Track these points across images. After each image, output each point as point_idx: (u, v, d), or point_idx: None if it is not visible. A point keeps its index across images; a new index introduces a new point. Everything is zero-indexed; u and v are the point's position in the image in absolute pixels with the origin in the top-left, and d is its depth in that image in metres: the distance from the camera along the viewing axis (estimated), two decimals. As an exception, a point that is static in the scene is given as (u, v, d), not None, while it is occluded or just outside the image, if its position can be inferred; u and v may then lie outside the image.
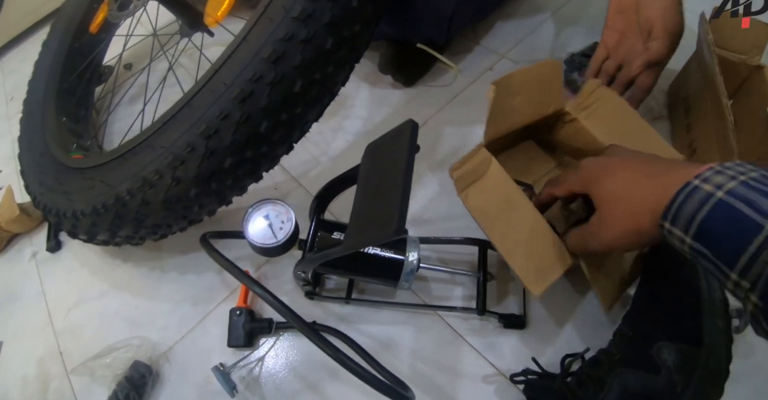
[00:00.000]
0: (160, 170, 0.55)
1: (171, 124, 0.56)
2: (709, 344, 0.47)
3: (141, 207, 0.57)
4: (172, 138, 0.54)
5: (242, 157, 0.55)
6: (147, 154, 0.57)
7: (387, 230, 0.38)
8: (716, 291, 0.50)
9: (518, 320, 0.61)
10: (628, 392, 0.48)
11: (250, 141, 0.53)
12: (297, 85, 0.52)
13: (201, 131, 0.52)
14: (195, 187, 0.55)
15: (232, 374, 0.61)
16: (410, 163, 0.42)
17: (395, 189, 0.41)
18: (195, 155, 0.53)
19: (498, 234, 0.57)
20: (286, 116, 0.54)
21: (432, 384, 0.60)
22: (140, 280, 0.73)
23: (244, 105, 0.51)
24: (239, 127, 0.52)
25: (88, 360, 0.64)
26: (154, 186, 0.55)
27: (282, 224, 0.56)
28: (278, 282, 0.69)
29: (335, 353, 0.43)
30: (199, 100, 0.54)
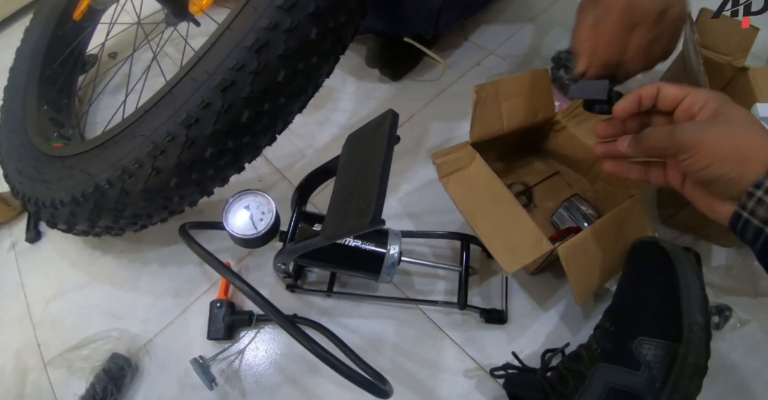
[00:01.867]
0: (139, 159, 0.53)
1: (152, 112, 0.54)
2: (688, 340, 0.47)
3: (120, 197, 0.55)
4: (153, 127, 0.53)
5: (223, 148, 0.53)
6: (127, 143, 0.55)
7: (364, 221, 0.37)
8: (696, 288, 0.50)
9: (499, 315, 0.61)
10: (609, 386, 0.48)
11: (231, 131, 0.52)
12: (280, 75, 0.51)
13: (182, 120, 0.51)
14: (175, 177, 0.54)
15: (212, 367, 0.60)
16: (389, 153, 0.41)
17: (373, 179, 0.40)
18: (175, 144, 0.52)
19: (477, 218, 0.57)
20: (268, 106, 0.53)
21: (413, 378, 0.59)
22: (120, 272, 0.71)
23: (226, 94, 0.50)
24: (220, 116, 0.51)
25: (65, 352, 0.62)
26: (133, 175, 0.54)
27: (262, 215, 0.55)
28: (260, 275, 0.67)
29: (313, 346, 0.42)
30: (181, 89, 0.52)
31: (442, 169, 0.61)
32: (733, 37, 0.64)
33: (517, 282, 0.64)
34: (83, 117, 0.88)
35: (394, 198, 0.72)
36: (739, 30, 0.63)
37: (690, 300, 0.49)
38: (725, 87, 0.67)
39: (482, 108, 0.62)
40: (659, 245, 0.55)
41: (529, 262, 0.54)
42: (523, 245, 0.55)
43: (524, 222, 0.57)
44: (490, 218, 0.57)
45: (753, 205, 0.36)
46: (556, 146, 0.70)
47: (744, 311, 0.60)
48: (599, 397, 0.48)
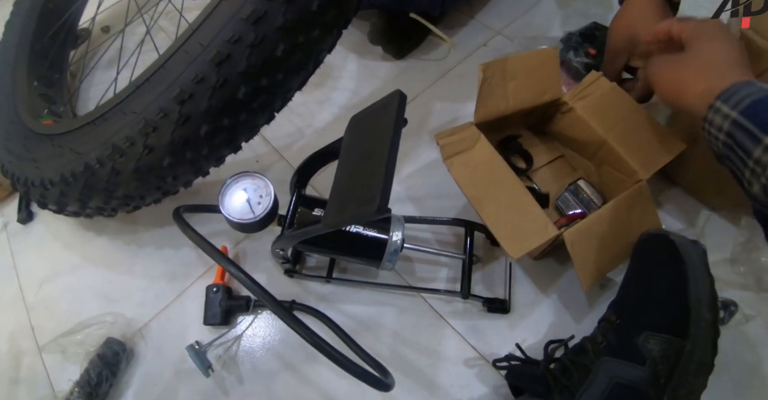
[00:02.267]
0: (131, 137, 0.50)
1: (144, 88, 0.51)
2: (695, 336, 0.46)
3: (111, 177, 0.53)
4: (145, 103, 0.50)
5: (219, 125, 0.50)
6: (118, 120, 0.52)
7: (369, 209, 0.35)
8: (705, 283, 0.49)
9: (502, 305, 0.59)
10: (613, 381, 0.47)
11: (227, 107, 0.49)
12: (279, 49, 0.48)
13: (175, 96, 0.48)
14: (168, 156, 0.51)
15: (209, 353, 0.58)
16: (396, 136, 0.38)
17: (379, 164, 0.37)
18: (168, 121, 0.49)
19: (482, 202, 0.55)
20: (266, 82, 0.50)
21: (412, 367, 0.57)
22: (115, 254, 0.69)
23: (221, 68, 0.47)
24: (215, 92, 0.48)
25: (58, 337, 0.60)
26: (124, 154, 0.51)
27: (260, 199, 0.52)
28: (257, 259, 0.65)
29: (311, 336, 0.40)
30: (174, 63, 0.49)
31: (446, 150, 0.58)
32: None
33: (520, 269, 0.62)
34: (75, 93, 0.84)
35: (396, 180, 0.69)
36: None
37: (698, 295, 0.48)
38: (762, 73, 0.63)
39: (488, 87, 0.59)
40: (668, 238, 0.53)
41: (535, 247, 0.52)
42: (528, 229, 0.54)
43: (530, 206, 0.55)
44: (494, 201, 0.55)
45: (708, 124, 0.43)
46: (561, 128, 0.68)
47: (748, 306, 0.58)
48: (603, 391, 0.47)
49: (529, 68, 0.61)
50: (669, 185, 0.67)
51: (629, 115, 0.61)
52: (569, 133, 0.67)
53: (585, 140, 0.65)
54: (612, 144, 0.60)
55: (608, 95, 0.62)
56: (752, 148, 0.39)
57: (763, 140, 0.38)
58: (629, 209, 0.57)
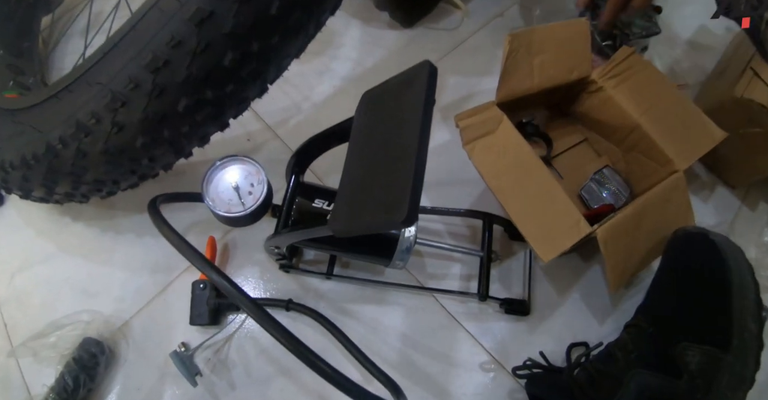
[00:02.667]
0: (96, 113, 0.42)
1: (112, 54, 0.43)
2: (737, 349, 0.42)
3: (77, 159, 0.45)
4: (112, 72, 0.42)
5: (201, 98, 0.43)
6: (83, 93, 0.44)
7: (393, 218, 0.27)
8: (751, 290, 0.44)
9: (522, 306, 0.53)
10: (646, 395, 0.42)
11: (210, 77, 0.41)
12: (273, 6, 0.39)
13: (147, 63, 0.40)
14: (142, 135, 0.43)
15: (197, 356, 0.52)
16: (427, 122, 0.30)
17: (405, 159, 0.29)
18: (140, 94, 0.41)
19: (508, 195, 0.49)
20: (257, 46, 0.41)
21: (422, 373, 0.52)
22: (92, 242, 0.61)
23: (203, 29, 0.39)
24: (196, 58, 0.40)
25: (28, 340, 0.54)
26: (90, 133, 0.43)
27: (251, 188, 0.45)
28: (249, 250, 0.58)
29: (311, 357, 0.33)
30: (147, 23, 0.41)
31: (467, 133, 0.51)
32: None
33: (539, 266, 0.56)
34: (46, 63, 0.74)
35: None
36: None
37: (743, 303, 0.43)
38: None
39: (513, 62, 0.52)
40: (708, 238, 0.47)
41: (568, 248, 0.46)
42: (559, 227, 0.48)
43: (560, 199, 0.48)
44: (521, 194, 0.49)
45: None
46: (587, 110, 0.61)
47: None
48: None
49: (557, 41, 0.54)
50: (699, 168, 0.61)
51: (665, 97, 0.55)
52: (596, 116, 0.60)
53: (614, 124, 0.58)
54: (646, 129, 0.54)
55: (642, 74, 0.56)
56: None
57: None
58: (664, 203, 0.52)
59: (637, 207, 0.50)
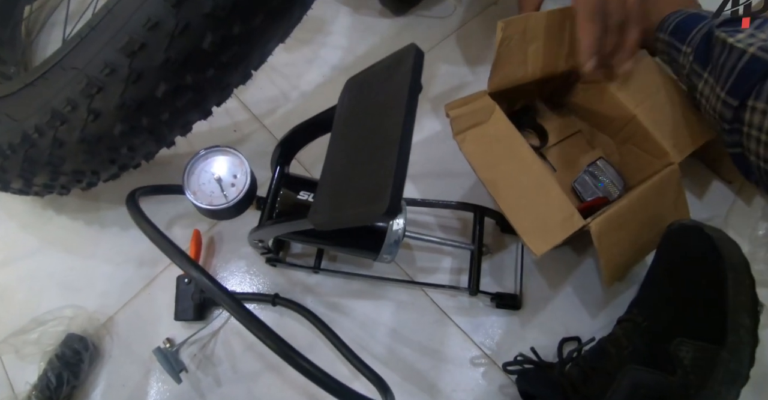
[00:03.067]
0: (72, 99, 0.40)
1: (88, 38, 0.40)
2: (732, 344, 0.41)
3: (53, 148, 0.44)
4: (87, 57, 0.40)
5: (181, 84, 0.41)
6: (58, 80, 0.42)
7: (375, 209, 0.26)
8: (746, 286, 0.43)
9: (513, 301, 0.52)
10: (640, 392, 0.41)
11: (190, 61, 0.39)
12: None
13: (122, 46, 0.38)
14: (120, 123, 0.41)
15: (182, 352, 0.51)
16: (412, 108, 0.28)
17: (388, 147, 0.27)
18: (116, 79, 0.39)
19: (499, 187, 0.48)
20: (239, 29, 0.40)
21: (412, 368, 0.51)
22: (76, 235, 0.60)
23: (181, 10, 0.37)
24: (174, 41, 0.38)
25: (9, 336, 0.53)
26: (66, 121, 0.42)
27: (234, 179, 0.43)
28: (236, 244, 0.57)
29: (296, 358, 0.32)
30: (123, 6, 0.39)
31: (457, 123, 0.49)
32: None
33: (531, 259, 0.54)
34: (28, 52, 0.72)
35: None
36: None
37: (738, 299, 0.42)
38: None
39: (506, 49, 0.50)
40: (704, 232, 0.45)
41: (560, 241, 0.45)
42: (552, 220, 0.46)
43: (553, 192, 0.47)
44: (513, 186, 0.48)
45: None
46: (582, 101, 0.59)
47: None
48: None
49: (552, 29, 0.52)
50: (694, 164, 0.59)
51: (662, 88, 0.53)
52: (591, 107, 0.58)
53: (609, 115, 0.56)
54: (641, 120, 0.52)
55: (639, 65, 0.54)
56: (678, 57, 0.47)
57: (682, 49, 0.47)
58: (659, 195, 0.50)
59: (632, 200, 0.48)
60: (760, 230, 0.55)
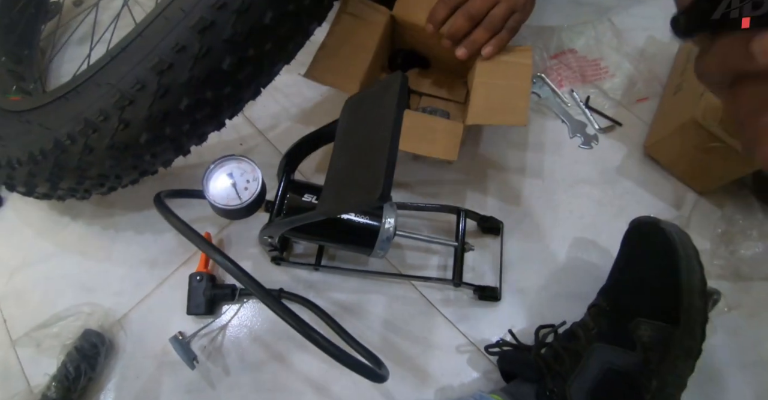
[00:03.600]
0: (105, 111, 0.45)
1: (120, 58, 0.46)
2: (685, 323, 0.46)
3: (84, 154, 0.48)
4: (121, 73, 0.45)
5: (201, 98, 0.46)
6: (91, 93, 0.47)
7: (370, 196, 0.32)
8: (696, 271, 0.48)
9: (493, 293, 0.57)
10: (605, 366, 0.46)
11: (210, 79, 0.45)
12: (267, 17, 0.43)
13: (153, 65, 0.43)
14: (146, 132, 0.46)
15: (193, 344, 0.54)
16: (398, 121, 0.35)
17: (380, 150, 0.34)
18: (146, 94, 0.44)
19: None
20: (252, 52, 0.45)
21: (404, 355, 0.55)
22: (91, 241, 0.63)
23: (205, 36, 0.42)
24: (198, 61, 0.43)
25: (32, 330, 0.56)
26: (98, 129, 0.46)
27: (247, 184, 0.48)
28: (242, 246, 0.61)
29: (304, 327, 0.37)
30: (153, 31, 0.44)
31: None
32: None
33: (511, 257, 0.60)
34: (45, 70, 0.76)
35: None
36: None
37: (690, 283, 0.47)
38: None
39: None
40: (659, 226, 0.52)
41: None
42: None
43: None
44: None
45: None
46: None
47: (729, 296, 0.58)
48: (596, 377, 0.47)
49: None
50: (657, 169, 0.66)
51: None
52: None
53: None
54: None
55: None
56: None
57: None
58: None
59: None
60: (719, 229, 0.61)
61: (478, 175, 0.65)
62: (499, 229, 0.61)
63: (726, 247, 0.60)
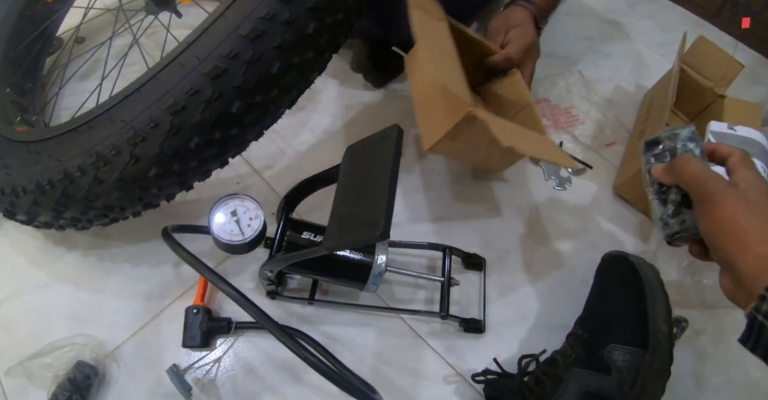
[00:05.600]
0: (117, 146, 0.47)
1: (134, 97, 0.48)
2: (653, 347, 0.49)
3: (92, 186, 0.49)
4: (135, 112, 0.47)
5: (210, 138, 0.48)
6: (104, 128, 0.48)
7: (372, 233, 0.35)
8: (661, 299, 0.52)
9: (477, 325, 0.59)
10: (583, 390, 0.49)
11: (219, 121, 0.47)
12: (274, 67, 0.47)
13: (167, 106, 0.45)
14: (155, 167, 0.48)
15: (187, 376, 0.54)
16: (396, 168, 0.39)
17: (380, 193, 0.37)
18: (159, 132, 0.46)
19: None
20: (260, 98, 0.48)
21: (393, 386, 0.56)
22: (86, 272, 0.63)
23: (217, 82, 0.45)
24: (209, 104, 0.46)
25: (24, 360, 0.54)
26: (109, 163, 0.47)
27: (250, 221, 0.50)
28: (238, 280, 0.62)
29: (306, 354, 0.39)
30: (168, 74, 0.47)
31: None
32: (721, 67, 0.67)
33: (494, 291, 0.63)
34: (48, 103, 0.77)
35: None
36: (728, 61, 0.65)
37: (655, 310, 0.51)
38: (704, 110, 0.69)
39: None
40: (628, 260, 0.56)
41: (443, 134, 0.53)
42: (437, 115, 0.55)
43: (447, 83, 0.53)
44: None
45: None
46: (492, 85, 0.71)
47: (696, 323, 0.61)
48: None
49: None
50: (626, 206, 0.70)
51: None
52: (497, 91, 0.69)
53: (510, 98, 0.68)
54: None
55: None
56: None
57: None
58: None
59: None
60: (684, 261, 0.65)
61: (462, 214, 0.68)
62: (482, 265, 0.63)
63: (692, 277, 0.64)
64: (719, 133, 0.63)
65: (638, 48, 0.92)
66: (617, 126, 0.80)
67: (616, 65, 0.89)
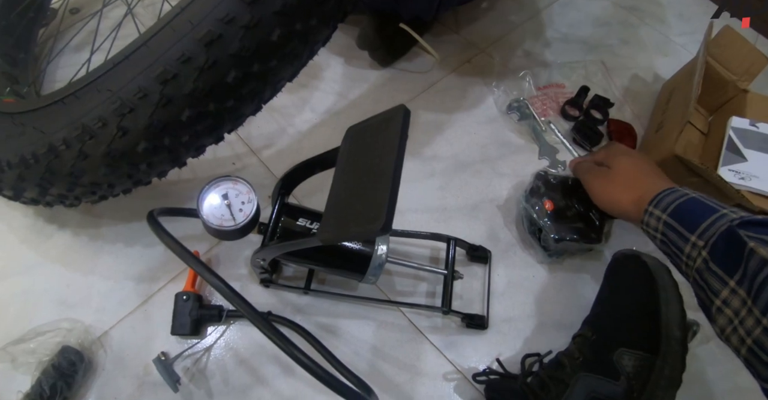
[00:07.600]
0: (103, 117, 0.42)
1: (123, 65, 0.43)
2: (665, 353, 0.46)
3: (78, 160, 0.45)
4: (122, 81, 0.42)
5: (203, 110, 0.44)
6: (91, 99, 0.44)
7: (373, 227, 0.31)
8: (675, 303, 0.48)
9: (480, 321, 0.56)
10: (590, 396, 0.46)
11: (214, 92, 0.42)
12: (275, 34, 0.42)
13: (157, 75, 0.41)
14: (144, 141, 0.44)
15: (176, 365, 0.51)
16: (401, 153, 0.34)
17: (383, 181, 0.33)
18: (147, 102, 0.41)
19: None
20: (258, 68, 0.43)
21: (391, 382, 0.53)
22: (76, 252, 0.59)
23: (211, 48, 0.40)
24: (203, 73, 0.41)
25: (8, 345, 0.51)
26: (95, 136, 0.43)
27: (242, 205, 0.46)
28: (230, 266, 0.58)
29: (294, 351, 0.35)
30: (159, 40, 0.42)
31: None
32: (746, 60, 0.62)
33: (498, 285, 0.59)
34: (41, 74, 0.72)
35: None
36: (753, 54, 0.61)
37: (669, 314, 0.47)
38: (724, 103, 0.64)
39: None
40: (641, 260, 0.52)
41: None
42: None
43: None
44: None
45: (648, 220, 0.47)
46: None
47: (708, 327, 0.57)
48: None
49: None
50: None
51: None
52: None
53: None
54: None
55: None
56: (682, 246, 0.43)
57: (689, 238, 0.42)
58: None
59: None
60: None
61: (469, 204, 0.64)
62: (487, 258, 0.59)
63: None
64: (741, 129, 0.60)
65: (657, 37, 0.86)
66: (633, 119, 0.75)
67: (633, 53, 0.84)
